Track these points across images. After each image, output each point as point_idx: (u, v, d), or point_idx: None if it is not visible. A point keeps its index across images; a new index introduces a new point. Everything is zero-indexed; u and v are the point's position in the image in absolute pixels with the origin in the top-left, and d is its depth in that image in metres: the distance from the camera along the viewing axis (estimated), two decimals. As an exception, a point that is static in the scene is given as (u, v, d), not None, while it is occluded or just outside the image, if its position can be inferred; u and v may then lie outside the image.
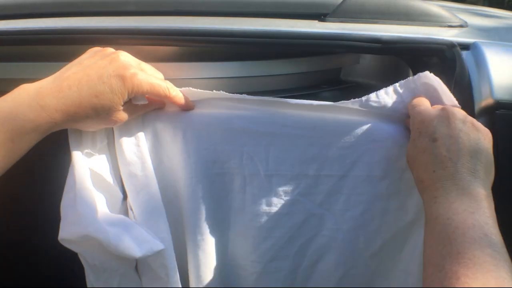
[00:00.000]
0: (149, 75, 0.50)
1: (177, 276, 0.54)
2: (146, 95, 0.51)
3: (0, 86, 0.62)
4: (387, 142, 0.53)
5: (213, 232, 0.56)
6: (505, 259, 0.38)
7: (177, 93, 0.52)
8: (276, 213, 0.55)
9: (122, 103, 0.49)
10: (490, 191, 0.44)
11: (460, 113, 0.48)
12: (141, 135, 0.54)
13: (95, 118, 0.48)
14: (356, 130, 0.53)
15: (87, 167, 0.52)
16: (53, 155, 0.56)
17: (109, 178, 0.53)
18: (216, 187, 0.55)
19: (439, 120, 0.47)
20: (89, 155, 0.53)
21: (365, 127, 0.53)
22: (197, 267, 0.56)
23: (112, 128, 0.54)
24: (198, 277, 0.56)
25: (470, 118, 0.48)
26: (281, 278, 0.58)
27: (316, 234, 0.56)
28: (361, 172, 0.54)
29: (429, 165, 0.46)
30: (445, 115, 0.47)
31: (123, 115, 0.50)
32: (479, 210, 0.41)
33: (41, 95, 0.46)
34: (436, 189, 0.44)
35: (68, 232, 0.50)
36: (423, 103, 0.51)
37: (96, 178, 0.52)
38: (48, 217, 0.53)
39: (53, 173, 0.55)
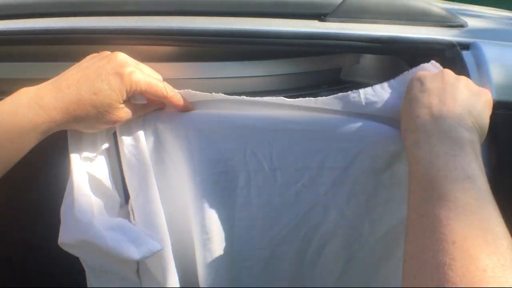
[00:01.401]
0: (147, 75, 0.50)
1: (175, 279, 0.55)
2: (145, 94, 0.51)
3: (0, 86, 0.62)
4: (389, 135, 0.53)
5: (219, 230, 0.56)
6: (489, 201, 0.38)
7: (175, 93, 0.52)
8: (281, 202, 0.56)
9: (121, 101, 0.49)
10: (477, 139, 0.43)
11: (455, 74, 0.48)
12: (141, 136, 0.54)
13: (95, 116, 0.48)
14: (358, 124, 0.53)
15: (85, 171, 0.52)
16: (56, 155, 0.56)
17: (107, 182, 0.53)
18: (221, 185, 0.55)
19: (433, 77, 0.48)
20: (88, 159, 0.53)
21: (367, 120, 0.53)
22: (205, 267, 0.57)
23: (115, 132, 0.54)
24: (207, 277, 0.57)
25: (466, 78, 0.48)
26: (288, 261, 0.59)
27: (322, 221, 0.57)
28: (364, 164, 0.54)
29: (415, 111, 0.45)
30: (440, 73, 0.48)
31: (122, 114, 0.50)
32: (461, 154, 0.40)
33: (40, 95, 0.46)
34: (419, 133, 0.44)
35: (67, 237, 0.50)
36: None
37: (95, 183, 0.52)
38: (50, 218, 0.53)
39: (56, 174, 0.55)
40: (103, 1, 0.61)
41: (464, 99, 0.45)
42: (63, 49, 0.61)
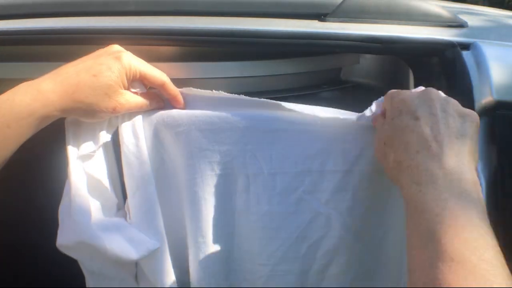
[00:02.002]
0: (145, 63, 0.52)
1: (172, 279, 0.54)
2: (143, 81, 0.52)
3: (0, 86, 0.62)
4: None
5: (215, 234, 0.55)
6: (503, 264, 0.35)
7: (171, 84, 0.53)
8: (281, 213, 0.54)
9: (121, 85, 0.50)
10: (476, 177, 0.40)
11: (443, 95, 0.46)
12: (141, 135, 0.54)
13: (94, 100, 0.48)
14: (358, 124, 0.52)
15: (84, 171, 0.52)
16: (56, 154, 0.56)
17: (105, 181, 0.53)
18: (219, 188, 0.55)
19: (421, 100, 0.44)
20: (86, 158, 0.53)
21: (367, 121, 0.53)
22: (198, 270, 0.56)
23: (115, 131, 0.54)
24: (199, 280, 0.56)
25: (453, 101, 0.45)
26: (291, 282, 0.56)
27: (325, 235, 0.55)
28: (365, 166, 0.53)
29: (412, 144, 0.42)
30: (427, 96, 0.45)
31: (122, 100, 0.50)
32: (471, 203, 0.37)
33: (38, 81, 0.47)
34: (420, 173, 0.40)
35: (65, 239, 0.50)
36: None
37: (93, 183, 0.52)
38: (49, 218, 0.53)
39: (56, 173, 0.55)
40: (103, 1, 0.61)
41: (458, 127, 0.42)
42: (63, 49, 0.61)
